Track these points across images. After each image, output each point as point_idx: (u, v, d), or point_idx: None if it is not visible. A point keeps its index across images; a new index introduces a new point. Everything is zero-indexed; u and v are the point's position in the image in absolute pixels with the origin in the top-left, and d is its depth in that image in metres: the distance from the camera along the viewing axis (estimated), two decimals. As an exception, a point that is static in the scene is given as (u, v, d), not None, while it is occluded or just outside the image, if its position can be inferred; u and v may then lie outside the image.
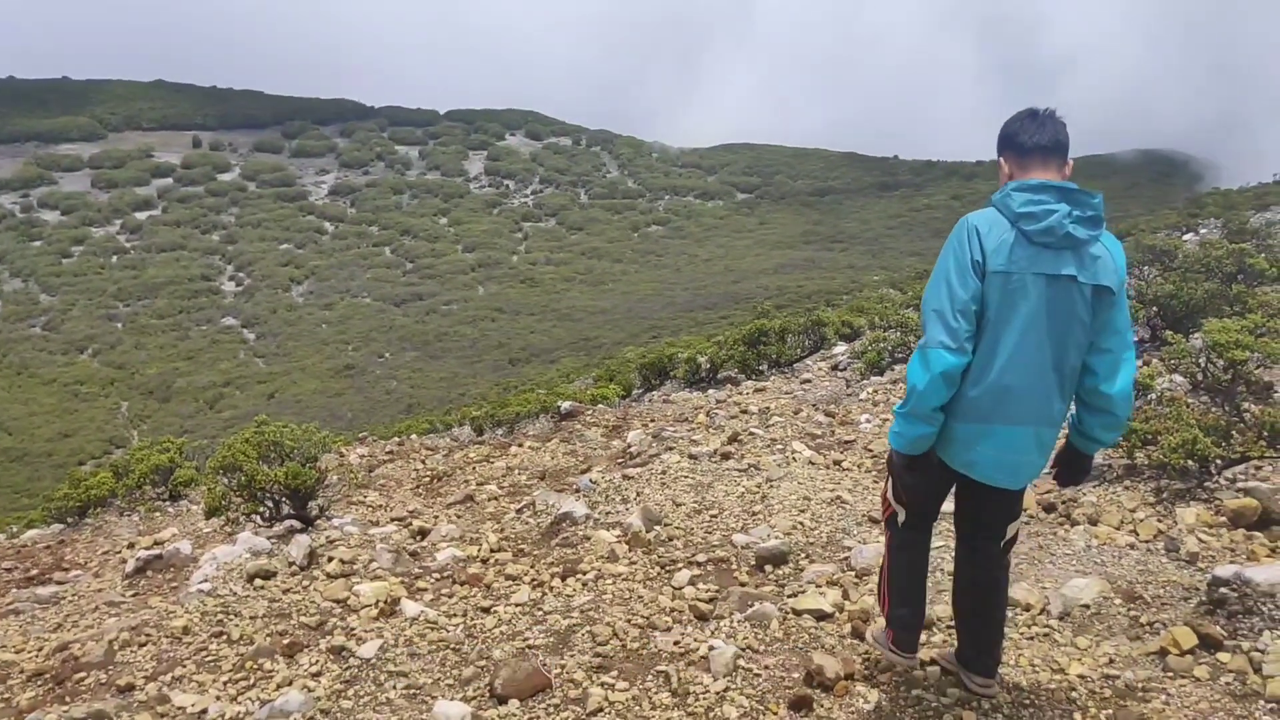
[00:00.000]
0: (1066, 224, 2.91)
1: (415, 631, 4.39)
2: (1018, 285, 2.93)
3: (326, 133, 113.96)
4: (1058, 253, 2.93)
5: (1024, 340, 2.94)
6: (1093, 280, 2.94)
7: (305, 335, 65.08)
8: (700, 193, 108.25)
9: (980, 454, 3.04)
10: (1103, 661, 3.69)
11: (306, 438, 7.47)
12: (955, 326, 2.93)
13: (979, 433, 3.01)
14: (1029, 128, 3.06)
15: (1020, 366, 2.95)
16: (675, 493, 6.46)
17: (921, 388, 2.96)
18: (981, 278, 2.95)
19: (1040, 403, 2.99)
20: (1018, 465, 3.07)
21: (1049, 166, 3.05)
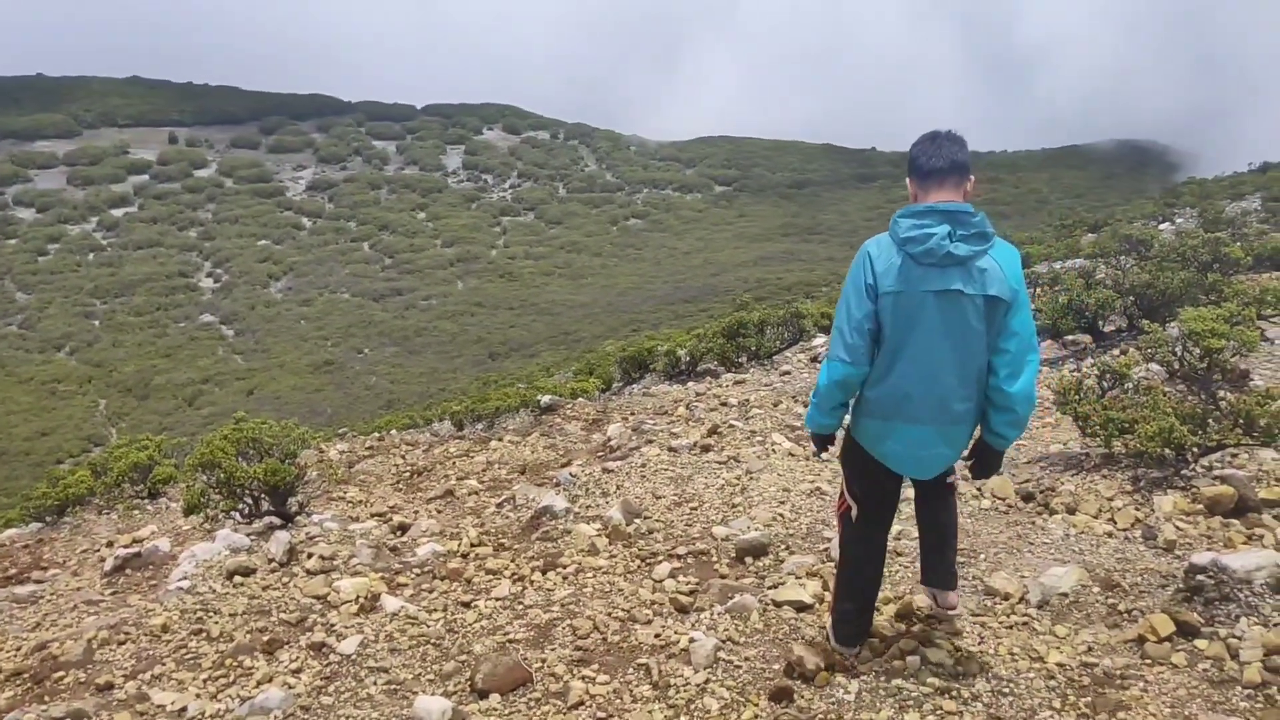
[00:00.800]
0: (946, 244, 3.20)
1: (396, 627, 4.38)
2: (909, 302, 3.25)
3: (303, 128, 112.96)
4: (943, 270, 3.23)
5: (919, 350, 3.28)
6: (981, 291, 3.23)
7: (284, 331, 64.60)
8: (679, 186, 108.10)
9: (890, 448, 3.45)
10: (1081, 649, 3.73)
11: (285, 434, 7.42)
12: (850, 343, 3.32)
13: (885, 430, 3.41)
14: (928, 151, 3.36)
15: (916, 373, 3.29)
16: (655, 486, 6.47)
17: (822, 389, 3.43)
18: (875, 299, 3.29)
19: (938, 405, 3.31)
20: (922, 459, 3.45)
21: (945, 187, 3.34)
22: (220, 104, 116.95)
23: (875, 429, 3.44)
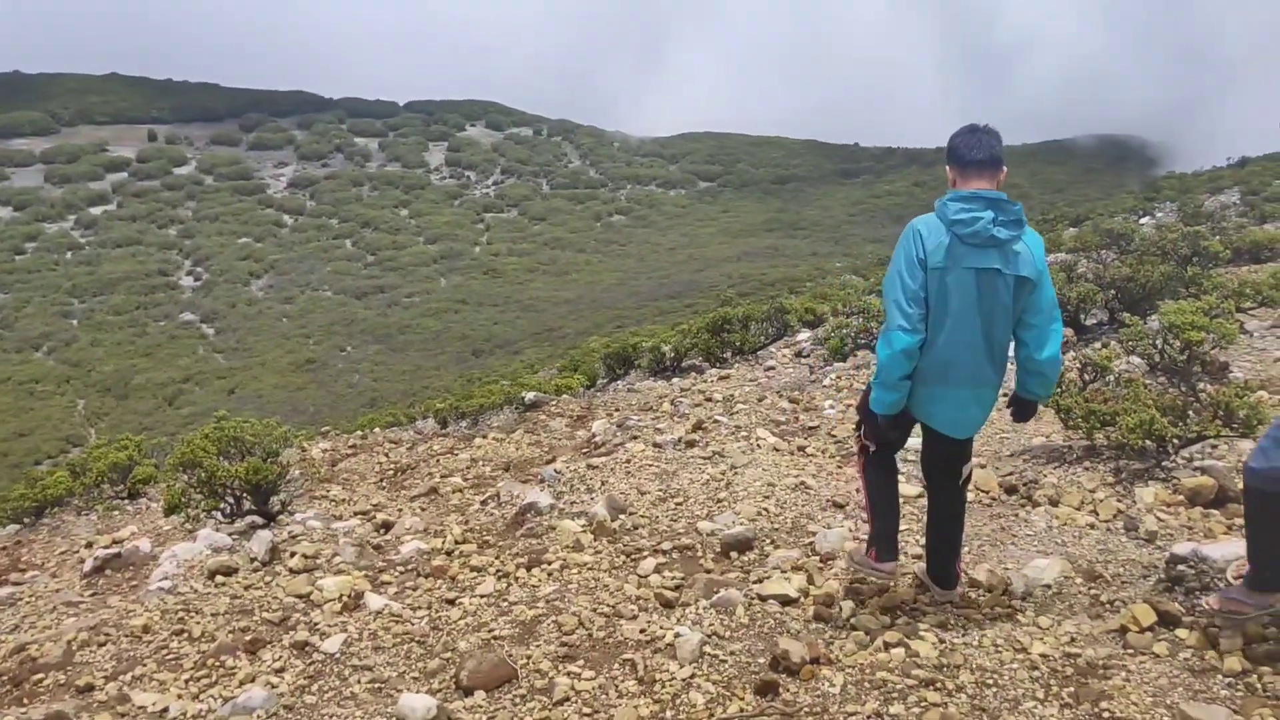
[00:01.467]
0: (991, 228, 3.56)
1: (380, 625, 4.35)
2: (953, 278, 3.61)
3: (284, 125, 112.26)
4: (984, 250, 3.60)
5: (959, 321, 3.64)
6: (1014, 272, 3.63)
7: (265, 330, 64.23)
8: (662, 182, 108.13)
9: (936, 411, 3.81)
10: (1064, 640, 3.74)
11: (267, 433, 7.38)
12: (909, 312, 3.62)
13: (931, 395, 3.75)
14: (969, 143, 3.70)
15: (957, 342, 3.66)
16: (640, 481, 6.46)
17: (887, 363, 3.66)
18: (925, 272, 3.62)
19: (974, 370, 3.71)
20: (961, 420, 3.84)
21: (984, 177, 3.69)
22: (200, 101, 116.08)
23: (923, 395, 3.76)
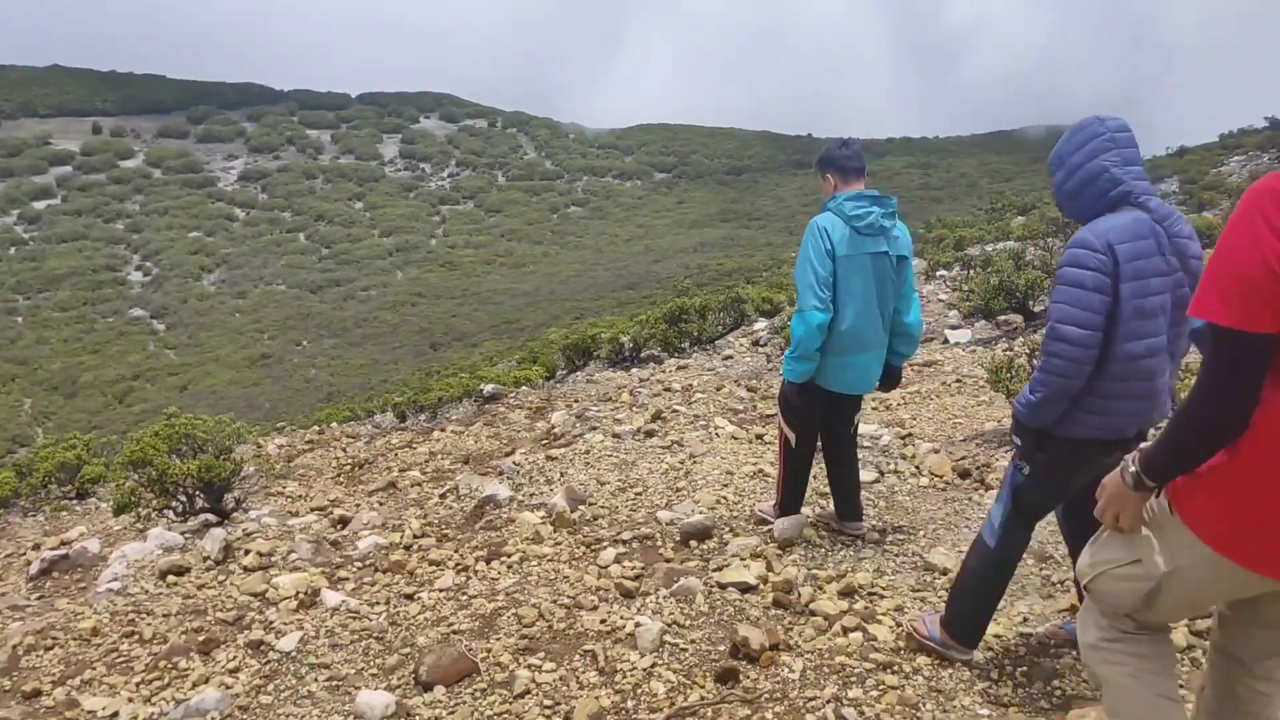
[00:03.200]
0: (880, 220, 4.33)
1: (337, 622, 4.30)
2: (855, 263, 4.30)
3: (234, 117, 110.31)
4: (875, 238, 4.34)
5: (863, 298, 4.34)
6: (896, 252, 4.41)
7: (218, 325, 63.11)
8: (618, 173, 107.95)
9: (849, 376, 4.47)
10: (1017, 620, 3.80)
11: (220, 429, 7.25)
12: (822, 295, 4.26)
13: (845, 363, 4.41)
14: (848, 154, 4.47)
15: (862, 315, 4.35)
16: (599, 472, 6.45)
17: (804, 337, 4.31)
18: (833, 260, 4.27)
19: (876, 336, 4.44)
20: (868, 378, 4.54)
21: (860, 180, 4.47)
22: (146, 93, 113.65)
23: (839, 364, 4.40)
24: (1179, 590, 2.04)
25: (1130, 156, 2.94)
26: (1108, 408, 2.96)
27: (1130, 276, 2.83)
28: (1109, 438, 3.01)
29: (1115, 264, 2.83)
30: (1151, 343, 2.89)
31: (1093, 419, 2.98)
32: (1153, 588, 2.06)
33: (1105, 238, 2.85)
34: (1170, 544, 2.02)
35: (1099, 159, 2.94)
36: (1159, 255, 2.86)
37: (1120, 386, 2.93)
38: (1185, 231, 2.91)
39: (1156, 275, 2.85)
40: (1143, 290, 2.84)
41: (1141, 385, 2.93)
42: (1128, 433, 3.01)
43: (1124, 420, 2.99)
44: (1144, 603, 2.11)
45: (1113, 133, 2.95)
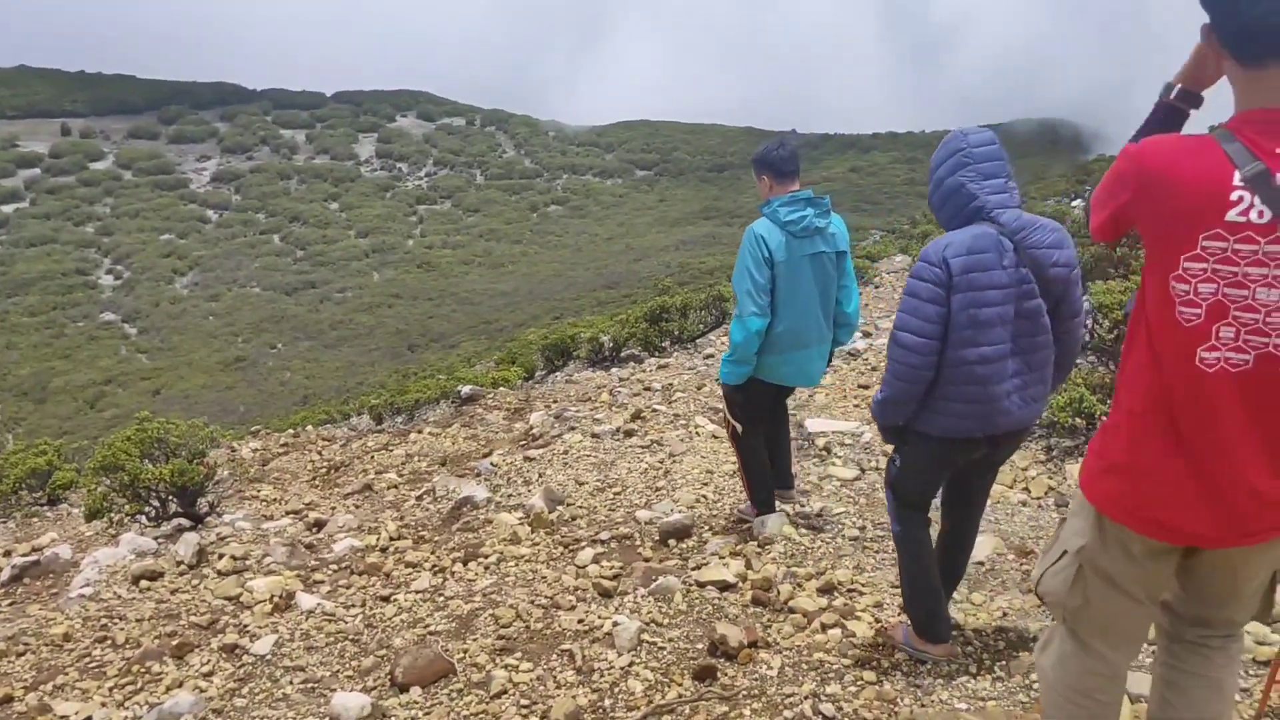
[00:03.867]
0: (814, 221, 4.43)
1: (312, 625, 4.26)
2: (794, 266, 4.42)
3: (206, 117, 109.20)
4: (812, 238, 4.45)
5: (804, 298, 4.48)
6: (834, 249, 4.54)
7: (191, 328, 62.47)
8: (598, 171, 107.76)
9: (788, 370, 4.62)
10: (997, 615, 3.82)
11: (193, 433, 7.18)
12: (760, 301, 4.37)
13: (784, 359, 4.55)
14: (783, 157, 4.52)
15: (803, 314, 4.49)
16: (578, 472, 6.43)
17: (743, 342, 4.43)
18: (771, 266, 4.37)
19: (818, 332, 4.59)
20: (811, 372, 4.71)
21: (795, 181, 4.55)
22: (116, 93, 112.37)
23: (776, 360, 4.55)
24: (1098, 572, 2.12)
25: (989, 171, 3.08)
26: (949, 409, 3.13)
27: (963, 288, 2.99)
28: (958, 436, 3.17)
29: (949, 277, 3.00)
30: (985, 351, 3.03)
31: (939, 419, 3.16)
32: (1077, 571, 2.15)
33: (942, 253, 3.03)
34: (1081, 523, 2.14)
35: (956, 175, 3.10)
36: (999, 268, 2.99)
37: (956, 390, 3.09)
38: (1045, 241, 3.03)
39: (993, 288, 2.99)
40: (977, 301, 2.99)
41: (974, 390, 3.07)
42: (975, 433, 3.16)
43: (966, 422, 3.13)
44: (1078, 594, 2.16)
45: (972, 148, 3.10)
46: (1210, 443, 1.87)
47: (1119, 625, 2.16)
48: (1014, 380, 3.10)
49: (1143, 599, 2.13)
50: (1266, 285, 1.74)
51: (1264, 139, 1.73)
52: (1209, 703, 2.23)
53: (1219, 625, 2.21)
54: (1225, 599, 2.15)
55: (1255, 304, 1.76)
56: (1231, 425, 1.84)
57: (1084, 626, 2.19)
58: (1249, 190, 1.72)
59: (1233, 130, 1.77)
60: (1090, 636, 2.20)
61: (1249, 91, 1.79)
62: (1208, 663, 2.22)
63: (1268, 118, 1.75)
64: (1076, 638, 2.22)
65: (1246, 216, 1.72)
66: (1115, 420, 2.04)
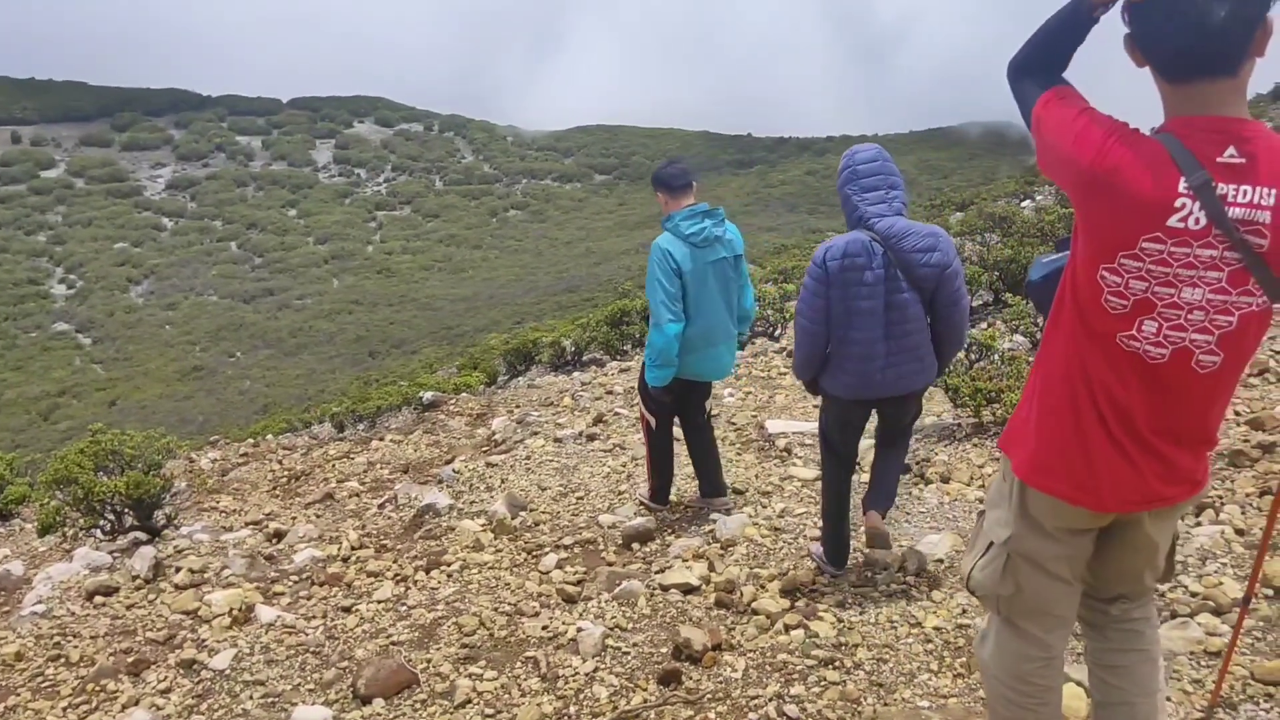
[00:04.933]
0: (712, 231, 4.82)
1: (272, 637, 4.20)
2: (699, 273, 4.79)
3: (160, 124, 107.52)
4: (712, 247, 4.83)
5: (710, 302, 4.85)
6: (733, 253, 4.93)
7: (147, 338, 61.45)
8: (558, 175, 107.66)
9: (705, 368, 5.01)
10: (956, 612, 3.85)
11: (148, 444, 7.05)
12: (675, 309, 4.74)
13: (700, 357, 4.93)
14: (675, 173, 4.96)
15: (711, 316, 4.87)
16: (540, 477, 6.41)
17: (663, 347, 4.77)
18: (680, 276, 4.73)
19: (725, 330, 4.97)
20: (721, 367, 5.10)
21: (689, 195, 4.93)
22: (67, 100, 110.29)
23: (692, 358, 4.91)
24: (1026, 559, 2.18)
25: (869, 185, 3.78)
26: (841, 376, 3.91)
27: (839, 285, 3.73)
28: (851, 397, 3.97)
29: (828, 276, 3.74)
30: (857, 335, 3.77)
31: (836, 382, 3.95)
32: (1005, 561, 2.21)
33: (824, 256, 3.78)
34: (1002, 513, 2.22)
35: (844, 188, 3.85)
36: (869, 269, 3.69)
37: (842, 363, 3.87)
38: (916, 246, 3.70)
39: (863, 285, 3.70)
40: (850, 296, 3.73)
41: (855, 364, 3.83)
42: (865, 395, 3.93)
43: (854, 388, 3.91)
44: (1009, 583, 2.22)
45: (857, 165, 3.83)
46: (1122, 413, 1.96)
47: (1051, 608, 2.23)
48: (885, 359, 3.81)
49: (1069, 579, 2.21)
50: (1192, 285, 1.82)
51: (1207, 147, 1.79)
52: (1152, 676, 2.31)
53: (1136, 596, 2.32)
54: (1143, 568, 2.26)
55: (1180, 302, 1.84)
56: (1140, 398, 1.94)
57: (1018, 614, 2.26)
58: (1192, 198, 1.78)
59: (1179, 136, 1.82)
60: (1025, 623, 2.26)
61: (1177, 100, 1.85)
62: (1140, 636, 2.32)
63: (1209, 125, 1.80)
64: (1011, 625, 2.28)
65: (1185, 223, 1.79)
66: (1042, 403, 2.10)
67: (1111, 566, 2.24)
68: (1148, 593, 2.33)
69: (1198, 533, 4.08)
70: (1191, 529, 4.14)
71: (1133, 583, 2.29)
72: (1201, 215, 1.78)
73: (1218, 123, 1.80)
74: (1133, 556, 2.22)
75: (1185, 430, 1.98)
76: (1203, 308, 1.83)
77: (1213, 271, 1.80)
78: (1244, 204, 1.76)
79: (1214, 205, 1.77)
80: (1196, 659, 3.22)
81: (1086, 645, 2.40)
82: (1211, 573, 3.76)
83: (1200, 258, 1.80)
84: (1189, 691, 3.05)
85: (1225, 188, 1.77)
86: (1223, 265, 1.80)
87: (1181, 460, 2.01)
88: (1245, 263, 1.79)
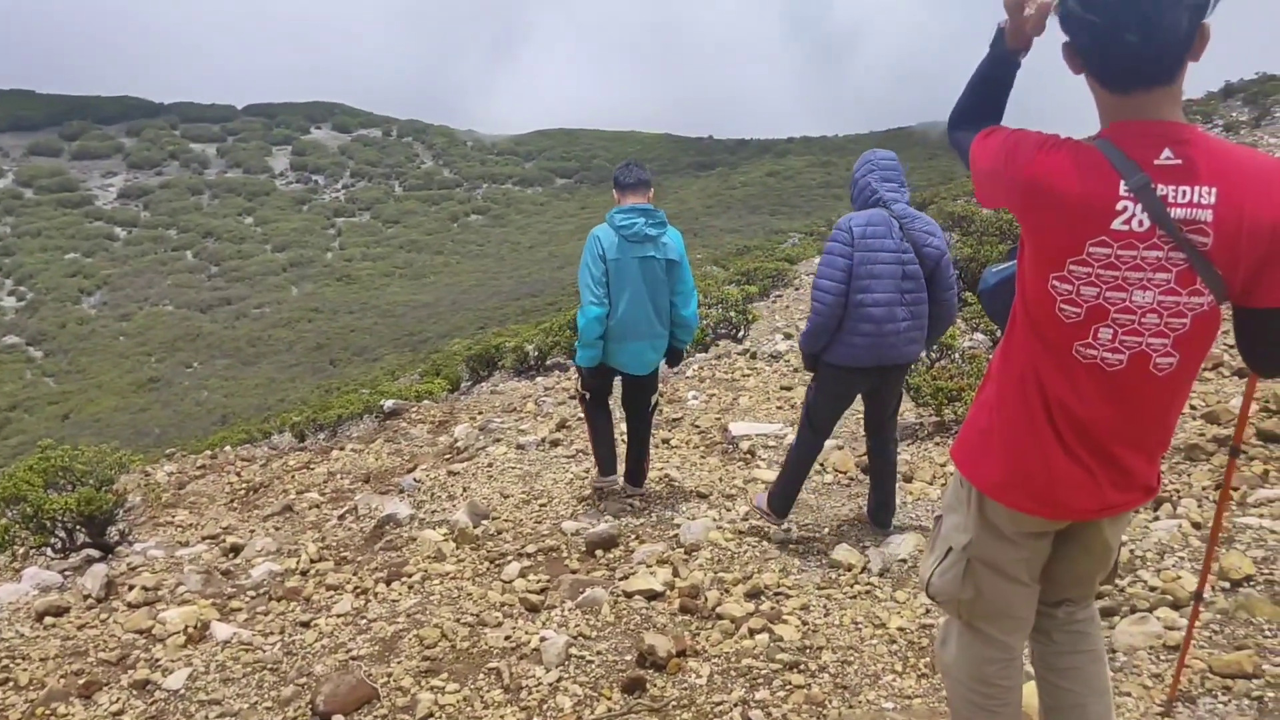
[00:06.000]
0: (644, 229, 5.11)
1: (228, 655, 4.11)
2: (625, 265, 5.11)
3: (111, 132, 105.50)
4: (643, 244, 5.13)
5: (632, 295, 5.15)
6: (664, 256, 5.19)
7: (101, 350, 60.23)
8: (519, 179, 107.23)
9: (623, 358, 5.32)
10: (920, 612, 3.86)
11: (99, 460, 6.90)
12: (597, 292, 5.10)
13: (621, 348, 5.27)
14: (625, 174, 5.34)
15: (633, 308, 5.17)
16: (503, 485, 6.35)
17: (585, 328, 5.15)
18: (606, 264, 5.09)
19: (647, 326, 5.24)
20: (642, 361, 5.37)
21: (637, 194, 5.27)
22: (13, 109, 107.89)
23: (614, 348, 5.26)
24: (986, 563, 2.19)
25: (887, 176, 4.35)
26: (850, 342, 4.28)
27: (861, 249, 4.18)
28: (854, 365, 4.34)
29: (852, 239, 4.19)
30: (878, 296, 4.19)
31: (842, 350, 4.32)
32: (966, 565, 2.21)
33: (849, 223, 4.26)
34: (960, 518, 2.22)
35: (865, 176, 4.39)
36: (889, 237, 4.19)
37: (855, 326, 4.24)
38: (923, 227, 4.26)
39: (883, 251, 4.18)
40: (871, 259, 4.17)
41: (870, 327, 4.22)
42: (865, 363, 4.31)
43: (861, 353, 4.29)
44: (970, 587, 2.23)
45: (877, 159, 4.43)
46: (1079, 427, 1.97)
47: (1011, 610, 2.24)
48: (903, 323, 4.26)
49: (1027, 581, 2.22)
50: (1142, 288, 1.84)
51: (1144, 150, 1.82)
52: (1101, 675, 2.33)
53: (1082, 600, 2.34)
54: (1094, 572, 2.28)
55: (1132, 306, 1.85)
56: (1099, 409, 1.95)
57: (979, 617, 2.26)
58: (1133, 200, 1.80)
59: (1115, 142, 1.85)
60: (985, 626, 2.27)
61: (1114, 107, 1.88)
62: (1087, 637, 2.34)
63: (1144, 130, 1.83)
64: (972, 629, 2.29)
65: (1129, 225, 1.81)
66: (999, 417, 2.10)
67: (1064, 569, 2.26)
68: (1091, 595, 2.36)
69: (1155, 527, 4.12)
70: (1149, 524, 4.18)
71: (1084, 585, 2.31)
72: (1144, 217, 1.80)
73: (1153, 127, 1.83)
74: (1086, 560, 2.24)
75: (1145, 435, 2.00)
76: (1155, 310, 1.85)
77: (1161, 273, 1.82)
78: (1185, 204, 1.79)
79: (1155, 206, 1.79)
80: (1156, 653, 3.25)
81: (1033, 650, 2.41)
82: (1169, 566, 3.80)
83: (1147, 259, 1.82)
84: (1148, 686, 3.08)
85: (1165, 188, 1.79)
86: (1170, 266, 1.82)
87: (1138, 466, 2.02)
88: (1191, 262, 1.81)
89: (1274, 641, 3.21)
